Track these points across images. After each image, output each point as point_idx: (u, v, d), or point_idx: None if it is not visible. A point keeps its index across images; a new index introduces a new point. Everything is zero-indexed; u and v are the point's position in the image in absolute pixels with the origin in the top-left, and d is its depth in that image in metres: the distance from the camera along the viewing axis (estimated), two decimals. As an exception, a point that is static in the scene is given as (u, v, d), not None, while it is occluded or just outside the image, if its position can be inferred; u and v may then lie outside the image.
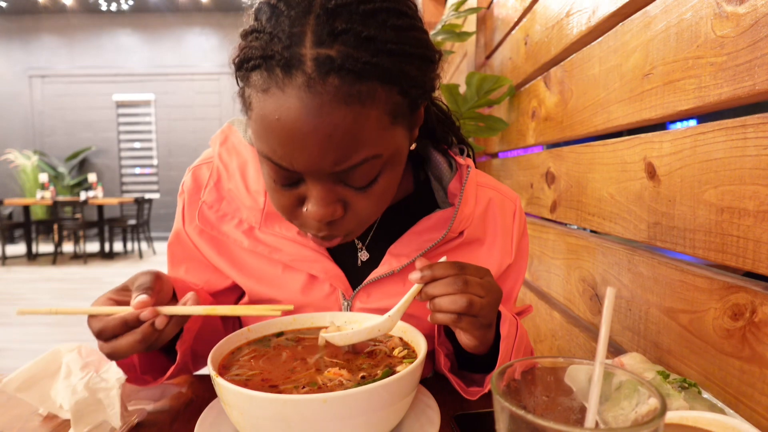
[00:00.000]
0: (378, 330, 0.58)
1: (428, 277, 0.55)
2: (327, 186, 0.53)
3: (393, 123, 0.53)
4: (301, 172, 0.52)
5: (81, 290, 5.35)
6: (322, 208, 0.54)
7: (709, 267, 0.66)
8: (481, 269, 0.59)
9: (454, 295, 0.55)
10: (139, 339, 0.54)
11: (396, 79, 0.50)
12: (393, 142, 0.54)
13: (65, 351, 0.61)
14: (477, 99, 1.58)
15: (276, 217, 0.70)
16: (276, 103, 0.48)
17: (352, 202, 0.56)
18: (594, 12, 0.94)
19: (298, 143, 0.49)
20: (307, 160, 0.50)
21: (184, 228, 0.75)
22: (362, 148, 0.50)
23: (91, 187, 7.82)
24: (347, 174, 0.52)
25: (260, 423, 0.47)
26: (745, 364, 0.56)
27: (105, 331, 0.54)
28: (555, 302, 1.24)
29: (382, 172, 0.55)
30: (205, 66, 8.94)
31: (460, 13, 1.67)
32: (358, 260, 0.74)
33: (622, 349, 0.86)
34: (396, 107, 0.52)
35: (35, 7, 8.46)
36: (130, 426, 0.58)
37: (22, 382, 0.59)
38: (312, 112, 0.47)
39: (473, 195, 0.72)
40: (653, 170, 0.74)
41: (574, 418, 0.38)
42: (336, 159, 0.50)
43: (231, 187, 0.71)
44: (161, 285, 0.59)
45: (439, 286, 0.55)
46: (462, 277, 0.55)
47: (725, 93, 0.58)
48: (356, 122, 0.48)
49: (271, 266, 0.72)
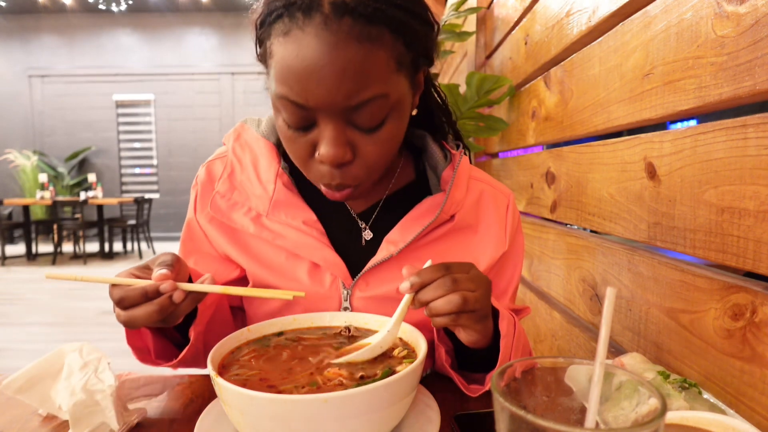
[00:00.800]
0: (380, 348, 0.59)
1: (417, 284, 0.57)
2: (338, 126, 0.58)
3: (398, 69, 0.59)
4: (316, 108, 0.57)
5: (81, 290, 5.34)
6: (333, 149, 0.58)
7: (709, 267, 0.66)
8: (465, 264, 0.60)
9: (447, 295, 0.56)
10: (156, 310, 0.56)
11: (401, 29, 0.57)
12: (398, 88, 0.60)
13: (68, 351, 0.61)
14: (477, 99, 1.58)
15: (282, 206, 0.73)
16: (296, 42, 0.55)
17: (360, 146, 0.60)
18: (594, 12, 0.94)
19: (315, 76, 0.54)
20: (323, 93, 0.55)
21: (196, 217, 0.78)
22: (372, 84, 0.56)
23: (91, 187, 7.82)
24: (357, 112, 0.57)
25: (260, 423, 0.47)
26: (745, 364, 0.56)
27: (125, 300, 0.56)
28: (555, 302, 1.24)
29: (389, 117, 0.60)
30: (205, 66, 8.95)
31: (460, 13, 1.67)
32: (362, 240, 0.76)
33: (623, 349, 0.86)
34: (401, 56, 0.59)
35: (35, 7, 8.46)
36: (129, 426, 0.58)
37: (24, 383, 0.59)
38: (328, 47, 0.54)
39: (464, 182, 0.76)
40: (653, 170, 0.74)
41: (574, 418, 0.38)
42: (348, 92, 0.55)
43: (243, 179, 0.75)
44: (180, 266, 0.61)
45: (430, 290, 0.56)
46: (450, 277, 0.56)
47: (726, 93, 0.58)
48: (367, 59, 0.55)
49: (276, 253, 0.74)
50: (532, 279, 1.44)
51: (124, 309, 0.57)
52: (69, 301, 4.89)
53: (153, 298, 0.56)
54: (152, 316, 0.56)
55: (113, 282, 0.58)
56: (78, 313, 4.44)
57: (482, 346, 0.64)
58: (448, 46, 2.28)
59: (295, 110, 0.58)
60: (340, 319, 0.67)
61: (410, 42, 0.59)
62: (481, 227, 0.77)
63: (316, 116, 0.58)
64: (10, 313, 4.51)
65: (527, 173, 1.43)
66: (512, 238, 0.79)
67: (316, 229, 0.73)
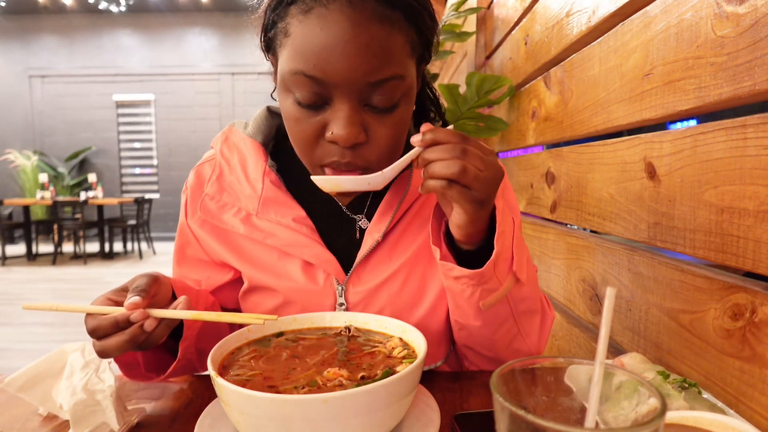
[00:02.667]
0: (368, 183, 0.58)
1: (429, 140, 0.55)
2: (354, 106, 0.59)
3: (411, 55, 0.62)
4: (335, 84, 0.57)
5: (81, 290, 5.35)
6: (348, 128, 0.58)
7: (709, 267, 0.66)
8: (485, 147, 0.57)
9: (449, 160, 0.54)
10: (127, 339, 0.55)
11: (415, 18, 0.60)
12: (411, 73, 0.62)
13: (70, 351, 0.61)
14: (477, 99, 1.58)
15: (272, 204, 0.72)
16: (319, 18, 0.56)
17: (372, 128, 0.61)
18: (594, 12, 0.94)
19: (339, 50, 0.55)
20: (344, 68, 0.56)
21: (187, 221, 0.78)
22: (392, 64, 0.58)
23: (91, 187, 7.82)
24: (374, 91, 0.58)
25: (260, 423, 0.47)
26: (745, 364, 0.56)
27: (97, 330, 0.55)
28: (555, 302, 1.24)
29: (401, 101, 0.61)
30: (205, 66, 8.94)
31: (460, 13, 1.67)
32: (356, 232, 0.75)
33: (622, 349, 0.86)
34: (414, 44, 0.61)
35: (35, 7, 8.46)
36: (129, 426, 0.58)
37: (25, 381, 0.59)
38: (352, 23, 0.55)
39: None
40: (653, 170, 0.74)
41: (574, 418, 0.38)
42: (370, 68, 0.56)
43: (232, 180, 0.75)
44: (158, 288, 0.60)
45: (436, 151, 0.55)
46: (461, 145, 0.55)
47: (725, 93, 0.58)
48: (388, 39, 0.57)
49: (268, 253, 0.74)
50: (532, 279, 1.43)
51: (97, 339, 0.56)
52: (69, 301, 4.89)
53: (124, 327, 0.55)
54: (123, 345, 0.55)
55: (87, 311, 0.56)
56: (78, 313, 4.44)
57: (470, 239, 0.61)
58: (448, 46, 2.28)
59: (311, 86, 0.58)
60: (341, 319, 0.67)
61: (421, 32, 0.62)
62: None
63: (332, 94, 0.59)
64: (10, 313, 4.51)
65: (527, 173, 1.43)
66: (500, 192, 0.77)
67: (306, 225, 0.72)
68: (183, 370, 0.69)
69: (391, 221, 0.72)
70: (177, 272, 0.80)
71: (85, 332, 0.56)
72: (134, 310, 0.55)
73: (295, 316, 0.67)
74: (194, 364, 0.70)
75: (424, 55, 0.67)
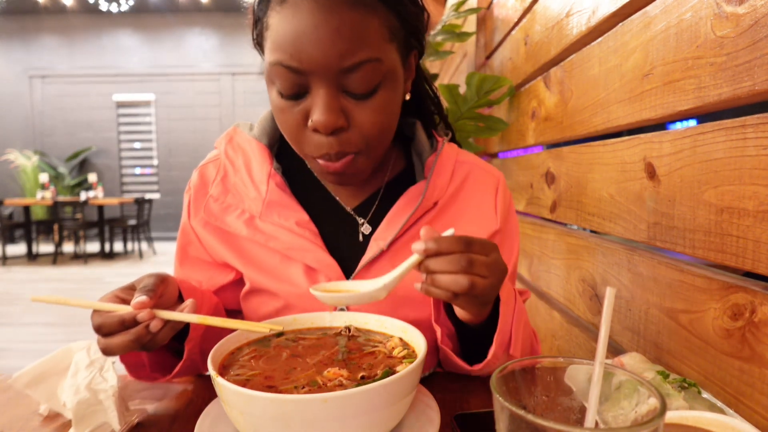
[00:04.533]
0: (370, 297, 0.58)
1: (432, 250, 0.54)
2: (330, 92, 0.59)
3: (391, 39, 0.61)
4: (310, 70, 0.58)
5: (81, 290, 5.35)
6: (326, 114, 0.59)
7: (708, 267, 0.66)
8: (488, 245, 0.57)
9: (456, 274, 0.53)
10: (132, 339, 0.55)
11: (393, 3, 0.61)
12: (390, 57, 0.62)
13: (76, 349, 0.61)
14: (477, 99, 1.58)
15: (275, 206, 0.72)
16: (292, 7, 0.57)
17: (354, 114, 0.61)
18: (594, 12, 0.94)
19: (310, 37, 0.56)
20: (317, 54, 0.57)
21: (189, 222, 0.77)
22: (365, 47, 0.58)
23: (92, 187, 7.82)
24: (350, 77, 0.58)
25: (260, 423, 0.47)
26: (744, 364, 0.56)
27: (103, 327, 0.55)
28: (555, 302, 1.24)
29: (381, 85, 0.61)
30: (205, 66, 8.95)
31: (460, 13, 1.67)
32: (359, 236, 0.75)
33: (622, 349, 0.86)
34: (394, 29, 0.62)
35: (35, 7, 8.46)
36: (130, 426, 0.58)
37: (32, 378, 0.60)
38: (323, 10, 0.56)
39: (448, 167, 0.76)
40: (653, 170, 0.75)
41: (574, 418, 0.38)
42: (342, 52, 0.57)
43: (236, 181, 0.75)
44: (165, 288, 0.60)
45: (442, 262, 0.54)
46: (467, 256, 0.54)
47: (725, 93, 0.58)
48: (360, 23, 0.57)
49: (270, 256, 0.73)
50: (532, 279, 1.44)
51: (102, 336, 0.56)
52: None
53: (130, 326, 0.55)
54: (128, 344, 0.55)
55: (94, 307, 0.56)
56: (78, 313, 4.44)
57: (476, 323, 0.63)
58: (448, 46, 2.29)
59: (289, 76, 0.59)
60: (341, 319, 0.67)
61: (403, 18, 0.63)
62: (468, 208, 0.76)
63: (309, 82, 0.59)
64: (10, 313, 4.51)
65: (527, 173, 1.43)
66: (504, 218, 0.78)
67: (308, 230, 0.72)
68: (188, 370, 0.69)
69: (399, 231, 0.71)
70: (179, 272, 0.80)
71: (86, 332, 0.56)
72: (141, 310, 0.55)
73: (295, 316, 0.67)
74: (198, 364, 0.70)
75: (410, 41, 0.66)
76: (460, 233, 0.75)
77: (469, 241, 0.55)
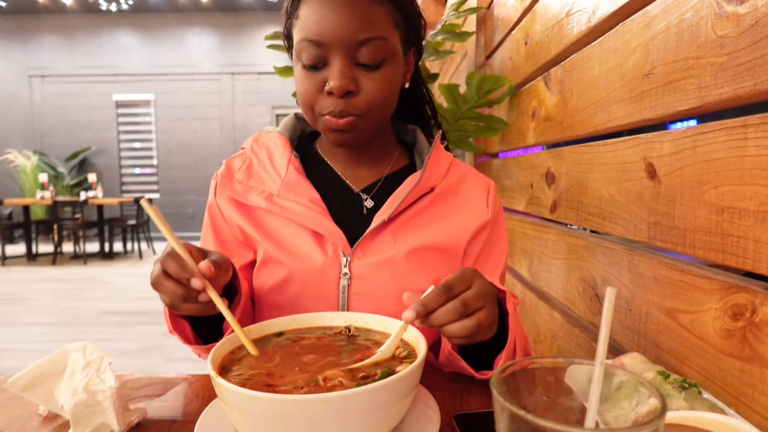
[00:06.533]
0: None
1: (423, 313, 0.57)
2: (346, 62, 0.73)
3: (395, 27, 0.76)
4: (329, 43, 0.72)
5: (81, 290, 5.34)
6: (341, 80, 0.72)
7: (709, 267, 0.66)
8: (466, 274, 0.60)
9: (461, 321, 0.57)
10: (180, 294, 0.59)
11: (397, 1, 0.75)
12: (394, 41, 0.76)
13: (72, 350, 0.61)
14: (477, 99, 1.58)
15: (292, 186, 0.83)
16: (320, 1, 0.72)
17: (362, 82, 0.74)
18: (594, 12, 0.94)
19: (331, 18, 0.71)
20: (336, 30, 0.71)
21: (215, 199, 0.87)
22: (374, 28, 0.72)
23: (91, 187, 7.81)
24: (361, 50, 0.72)
25: (260, 423, 0.47)
26: (745, 364, 0.56)
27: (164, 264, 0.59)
28: (555, 302, 1.24)
29: (386, 62, 0.75)
30: (205, 66, 8.94)
31: (460, 13, 1.67)
32: (363, 209, 0.85)
33: (622, 349, 0.86)
34: (397, 20, 0.76)
35: (35, 7, 8.46)
36: (129, 426, 0.58)
37: (28, 381, 0.59)
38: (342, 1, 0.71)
39: (442, 160, 0.87)
40: (653, 170, 0.75)
41: (574, 418, 0.38)
42: (355, 29, 0.71)
43: (259, 169, 0.86)
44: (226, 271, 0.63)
45: (441, 316, 0.57)
46: (459, 300, 0.57)
47: (726, 93, 0.58)
48: (370, 10, 0.72)
49: (284, 225, 0.82)
50: (532, 279, 1.44)
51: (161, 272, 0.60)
52: (69, 301, 4.88)
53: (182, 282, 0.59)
54: (172, 296, 0.60)
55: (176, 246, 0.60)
56: (78, 313, 4.44)
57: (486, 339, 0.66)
58: (448, 45, 2.29)
59: (312, 49, 0.73)
60: (340, 319, 0.67)
61: (405, 14, 0.77)
62: (462, 200, 0.87)
63: (328, 54, 0.73)
64: (10, 313, 4.51)
65: (527, 173, 1.43)
66: (495, 215, 0.87)
67: (319, 206, 0.81)
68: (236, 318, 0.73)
69: (398, 206, 0.80)
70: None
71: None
72: (197, 278, 0.58)
73: (295, 316, 0.67)
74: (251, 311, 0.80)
75: (410, 35, 0.80)
76: (454, 219, 0.84)
77: (449, 286, 0.58)
